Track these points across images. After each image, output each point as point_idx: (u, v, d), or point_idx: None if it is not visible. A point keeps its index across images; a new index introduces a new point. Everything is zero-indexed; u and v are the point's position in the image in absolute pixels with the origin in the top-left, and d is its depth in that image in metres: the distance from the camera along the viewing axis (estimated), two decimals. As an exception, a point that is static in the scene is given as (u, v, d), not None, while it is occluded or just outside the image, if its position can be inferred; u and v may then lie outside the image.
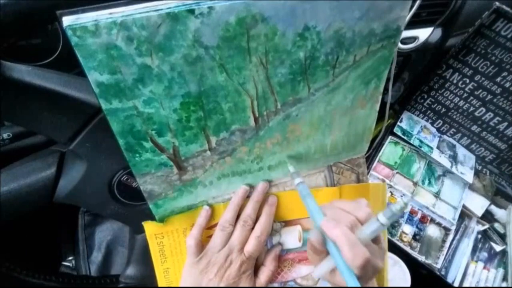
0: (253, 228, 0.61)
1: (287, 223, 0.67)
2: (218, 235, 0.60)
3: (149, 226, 0.61)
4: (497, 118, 1.20)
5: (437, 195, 1.22)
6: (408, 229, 1.15)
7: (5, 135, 0.71)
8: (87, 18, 0.38)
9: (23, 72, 0.48)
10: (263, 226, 0.61)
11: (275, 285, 0.67)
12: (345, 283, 0.47)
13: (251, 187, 0.63)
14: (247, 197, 0.63)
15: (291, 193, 0.65)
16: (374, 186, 0.70)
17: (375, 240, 0.51)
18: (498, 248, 1.20)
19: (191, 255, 0.59)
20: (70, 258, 1.03)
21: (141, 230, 0.71)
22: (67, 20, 0.38)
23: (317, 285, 0.69)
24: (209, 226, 0.63)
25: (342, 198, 0.67)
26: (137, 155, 0.51)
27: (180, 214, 0.62)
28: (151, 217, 0.61)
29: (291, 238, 0.67)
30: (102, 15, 0.39)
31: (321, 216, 0.52)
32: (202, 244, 0.61)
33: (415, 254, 1.10)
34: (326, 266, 0.52)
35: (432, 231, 1.17)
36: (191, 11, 0.40)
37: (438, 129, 1.35)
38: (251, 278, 0.60)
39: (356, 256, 0.45)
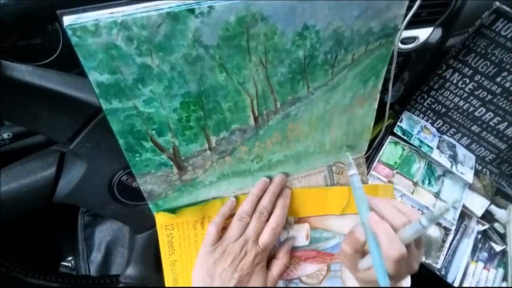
0: (267, 220, 0.61)
1: (295, 221, 0.67)
2: (236, 225, 0.60)
3: (160, 217, 0.61)
4: (497, 118, 1.20)
5: (437, 195, 1.22)
6: (408, 229, 1.15)
7: (5, 135, 0.71)
8: (88, 17, 0.38)
9: (23, 71, 0.48)
10: (278, 218, 0.61)
11: (280, 283, 0.67)
12: (376, 282, 0.50)
13: (271, 180, 0.64)
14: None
15: (300, 191, 0.66)
16: (383, 187, 0.70)
17: (417, 244, 0.53)
18: (498, 248, 1.20)
19: (209, 243, 0.59)
20: (70, 258, 1.03)
21: (141, 230, 0.72)
22: (67, 20, 0.38)
23: (322, 285, 0.69)
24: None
25: (352, 198, 0.67)
26: (137, 155, 0.52)
27: (192, 206, 0.62)
28: (151, 217, 0.61)
29: (298, 236, 0.67)
30: (103, 15, 0.39)
31: (368, 211, 0.55)
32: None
33: (415, 254, 1.10)
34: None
35: (432, 231, 1.17)
36: (191, 11, 0.40)
37: (438, 129, 1.35)
38: (264, 270, 0.60)
39: (393, 249, 0.48)
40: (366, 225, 0.54)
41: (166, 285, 0.64)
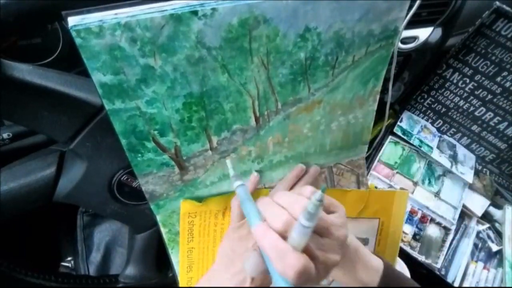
0: None
1: None
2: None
3: (185, 205, 0.61)
4: (497, 117, 1.20)
5: (437, 195, 1.22)
6: (408, 229, 1.15)
7: (5, 135, 0.71)
8: (92, 18, 0.39)
9: (23, 71, 0.48)
10: None
11: None
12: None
13: (307, 168, 0.64)
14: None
15: None
16: (399, 193, 0.69)
17: (323, 233, 0.47)
18: (495, 248, 1.20)
19: (234, 218, 0.58)
20: (69, 258, 1.02)
21: (141, 230, 0.72)
22: (72, 21, 0.38)
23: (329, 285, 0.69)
24: None
25: (369, 202, 0.67)
26: (139, 155, 0.52)
27: (217, 196, 0.62)
28: (151, 217, 0.61)
29: None
30: (107, 16, 0.39)
31: (258, 221, 0.48)
32: None
33: (415, 254, 1.11)
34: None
35: (432, 231, 1.17)
36: (195, 13, 0.40)
37: (438, 129, 1.35)
38: None
39: (286, 267, 0.41)
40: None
41: (180, 271, 0.64)
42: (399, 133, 1.26)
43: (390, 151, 1.26)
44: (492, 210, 1.28)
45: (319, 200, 0.40)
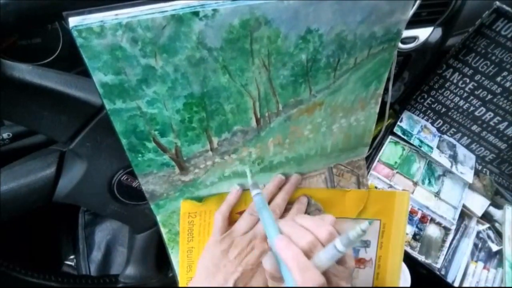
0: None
1: None
2: (246, 218, 0.59)
3: (185, 205, 0.61)
4: (497, 117, 1.20)
5: (437, 195, 1.23)
6: (408, 229, 1.15)
7: (5, 135, 0.71)
8: (93, 19, 0.39)
9: (23, 71, 0.48)
10: None
11: None
12: None
13: (287, 177, 0.63)
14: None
15: (318, 191, 0.66)
16: (400, 194, 0.69)
17: (339, 261, 0.48)
18: (495, 248, 1.20)
19: (217, 231, 0.58)
20: (72, 257, 1.03)
21: (141, 230, 0.72)
22: (73, 21, 0.38)
23: None
24: (238, 211, 0.63)
25: (369, 202, 0.67)
26: (140, 155, 0.52)
27: (217, 196, 0.62)
28: (151, 217, 0.61)
29: None
30: (108, 16, 0.39)
31: (276, 233, 0.50)
32: (229, 224, 0.60)
33: (415, 254, 1.11)
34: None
35: (432, 230, 1.17)
36: (196, 13, 0.40)
37: (438, 129, 1.35)
38: None
39: (306, 281, 0.43)
40: (272, 249, 0.50)
41: (180, 271, 0.64)
42: (399, 133, 1.26)
43: (390, 151, 1.27)
44: (492, 210, 1.28)
45: (363, 230, 0.42)
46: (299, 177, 0.64)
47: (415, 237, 1.15)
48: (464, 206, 1.23)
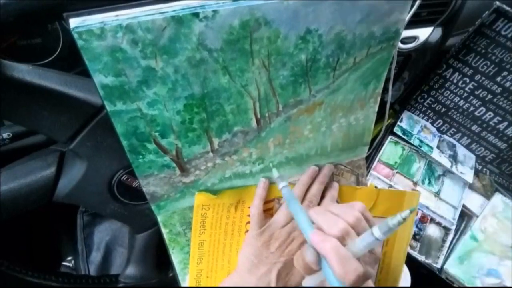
0: None
1: None
2: (284, 210, 0.61)
3: (200, 197, 0.61)
4: (497, 117, 1.20)
5: (437, 194, 1.22)
6: (408, 229, 1.15)
7: (5, 135, 0.71)
8: (94, 20, 0.39)
9: (23, 71, 0.48)
10: None
11: None
12: None
13: (320, 168, 0.65)
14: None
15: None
16: (409, 193, 0.69)
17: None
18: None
19: (255, 225, 0.60)
20: (70, 258, 1.02)
21: (141, 230, 0.72)
22: (73, 22, 0.38)
23: None
24: (266, 201, 0.63)
25: (379, 201, 0.67)
26: (141, 156, 0.52)
27: (231, 189, 0.62)
28: (151, 217, 0.61)
29: None
30: (108, 17, 0.39)
31: (310, 226, 0.51)
32: (265, 216, 0.61)
33: (415, 253, 1.10)
34: (318, 277, 0.51)
35: (432, 230, 1.17)
36: (196, 15, 0.40)
37: (438, 129, 1.35)
38: None
39: (348, 272, 0.44)
40: (309, 243, 0.50)
41: (191, 263, 0.65)
42: (399, 133, 1.26)
43: (390, 151, 1.26)
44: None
45: (404, 218, 0.42)
46: (332, 167, 0.66)
47: (415, 237, 1.15)
48: (464, 206, 1.23)
